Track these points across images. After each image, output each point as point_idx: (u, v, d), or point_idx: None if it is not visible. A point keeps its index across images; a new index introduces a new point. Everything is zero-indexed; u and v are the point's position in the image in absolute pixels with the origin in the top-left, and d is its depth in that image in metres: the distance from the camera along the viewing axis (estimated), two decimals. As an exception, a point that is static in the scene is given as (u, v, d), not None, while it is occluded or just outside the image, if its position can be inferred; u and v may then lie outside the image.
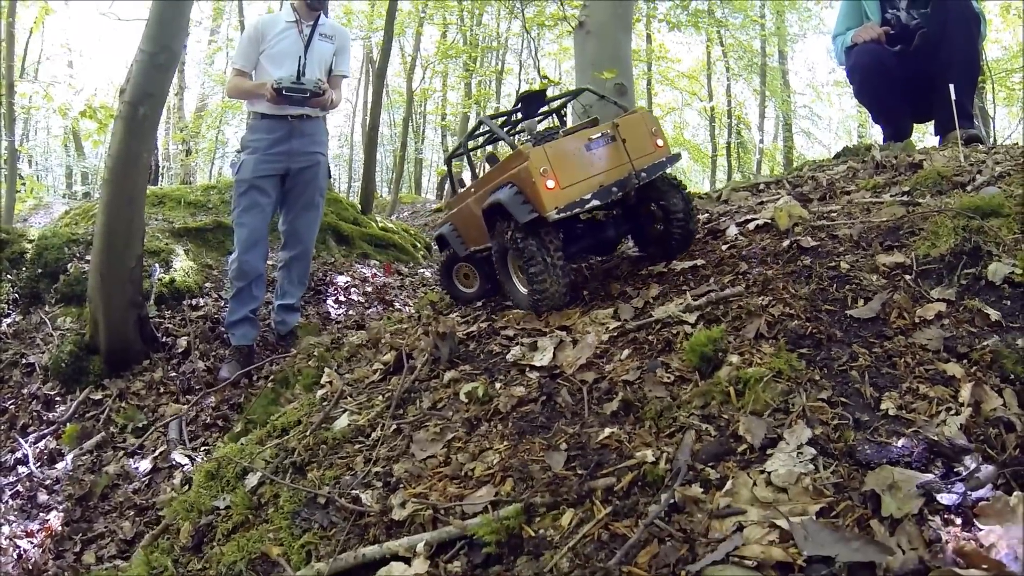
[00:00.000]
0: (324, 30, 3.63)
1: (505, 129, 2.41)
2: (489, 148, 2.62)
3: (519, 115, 2.29)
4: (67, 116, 6.21)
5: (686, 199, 2.06)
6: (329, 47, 3.67)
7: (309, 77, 3.44)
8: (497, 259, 2.05)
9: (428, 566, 1.08)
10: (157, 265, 4.29)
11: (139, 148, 3.41)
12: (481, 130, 2.31)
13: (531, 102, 2.22)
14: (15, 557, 2.90)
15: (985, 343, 1.35)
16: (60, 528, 2.99)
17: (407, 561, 1.12)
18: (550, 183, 1.79)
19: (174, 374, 3.77)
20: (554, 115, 2.44)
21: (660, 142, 2.00)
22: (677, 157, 2.06)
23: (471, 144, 2.45)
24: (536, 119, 2.25)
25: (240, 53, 3.63)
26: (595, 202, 1.84)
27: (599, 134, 1.93)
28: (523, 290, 1.99)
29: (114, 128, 3.46)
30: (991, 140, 4.16)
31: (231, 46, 14.04)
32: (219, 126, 15.24)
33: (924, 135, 6.72)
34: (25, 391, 3.78)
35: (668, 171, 2.07)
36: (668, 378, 1.36)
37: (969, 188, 2.16)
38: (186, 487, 2.34)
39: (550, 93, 2.33)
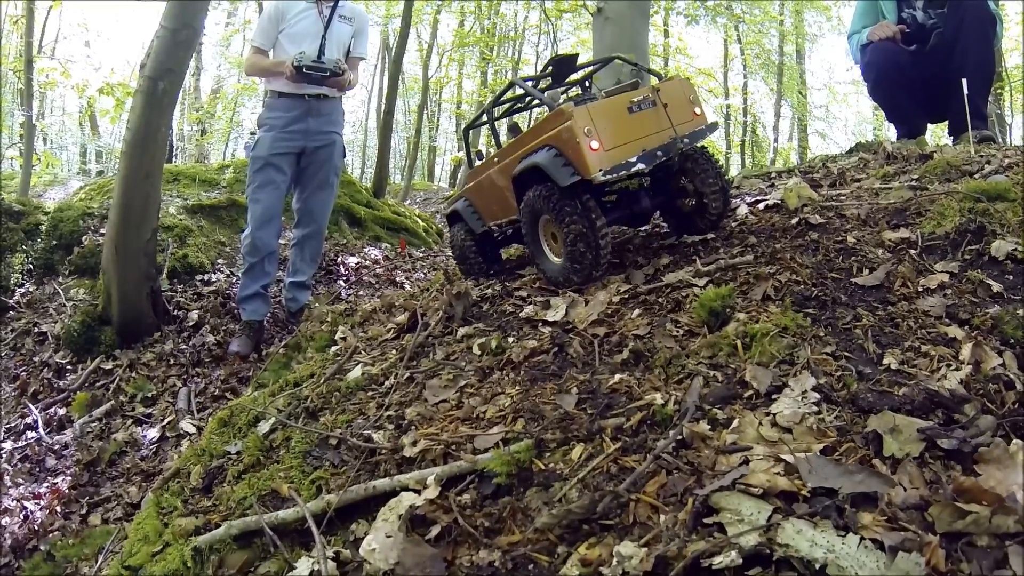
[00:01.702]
0: (343, 12, 3.67)
1: (513, 105, 2.32)
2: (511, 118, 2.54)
3: (549, 80, 2.21)
4: (84, 94, 6.29)
5: (723, 178, 2.02)
6: (348, 29, 3.72)
7: (328, 57, 3.48)
8: (527, 228, 1.96)
9: (438, 496, 1.11)
10: (171, 240, 4.35)
11: (158, 123, 3.46)
12: (508, 94, 2.21)
13: (563, 66, 2.14)
14: (22, 518, 2.95)
15: (987, 311, 1.38)
16: (67, 491, 3.03)
17: (417, 493, 1.15)
18: (594, 144, 1.70)
19: (184, 347, 3.82)
20: (581, 85, 2.33)
21: (698, 110, 1.97)
22: (715, 126, 2.02)
23: (496, 110, 2.29)
24: (561, 89, 2.18)
25: (259, 31, 3.68)
26: (641, 166, 1.75)
27: (641, 97, 1.86)
28: (555, 260, 1.90)
29: (133, 103, 3.50)
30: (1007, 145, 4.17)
31: (248, 28, 14.13)
32: (234, 108, 15.36)
33: (940, 138, 6.72)
34: (37, 359, 3.84)
35: (711, 153, 2.05)
36: (677, 332, 1.40)
37: (977, 176, 2.19)
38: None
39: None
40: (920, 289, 1.49)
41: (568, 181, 1.72)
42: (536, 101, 2.25)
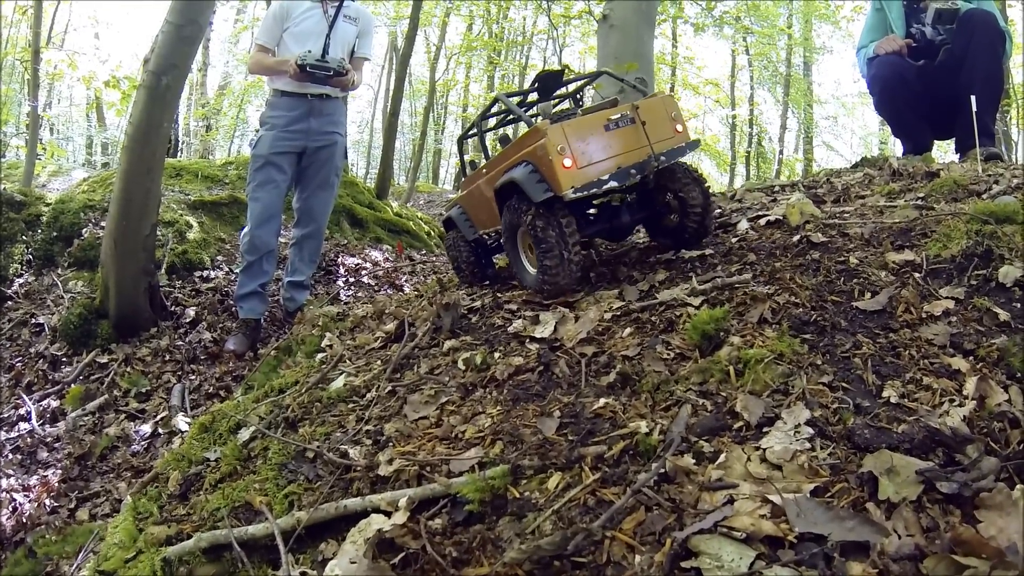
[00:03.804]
0: (348, 12, 3.65)
1: (513, 114, 2.32)
2: (501, 130, 2.59)
3: (535, 96, 2.24)
4: (91, 86, 6.30)
5: (705, 192, 2.00)
6: (353, 29, 3.69)
7: (332, 56, 3.46)
8: (507, 238, 2.01)
9: (408, 520, 1.06)
10: (171, 235, 4.33)
11: (160, 117, 3.44)
12: (495, 109, 2.26)
13: (548, 83, 2.17)
14: (10, 510, 2.93)
15: (993, 341, 1.32)
16: (57, 485, 3.01)
17: (388, 515, 1.11)
18: (567, 162, 1.74)
19: (180, 343, 3.79)
20: (571, 99, 2.38)
21: (680, 127, 1.96)
22: (697, 143, 2.01)
23: (485, 125, 2.38)
24: (551, 102, 2.20)
25: (264, 30, 3.66)
26: (613, 183, 1.78)
27: (618, 115, 1.87)
28: (531, 271, 1.95)
29: (136, 97, 3.49)
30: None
31: (257, 25, 14.16)
32: (240, 105, 15.38)
33: (946, 153, 6.63)
34: (33, 350, 3.82)
35: (688, 163, 2.04)
36: (668, 355, 1.34)
37: (985, 196, 2.13)
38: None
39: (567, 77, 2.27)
40: (924, 315, 1.43)
41: (541, 197, 1.76)
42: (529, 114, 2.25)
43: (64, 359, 3.75)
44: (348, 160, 4.05)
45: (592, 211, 2.09)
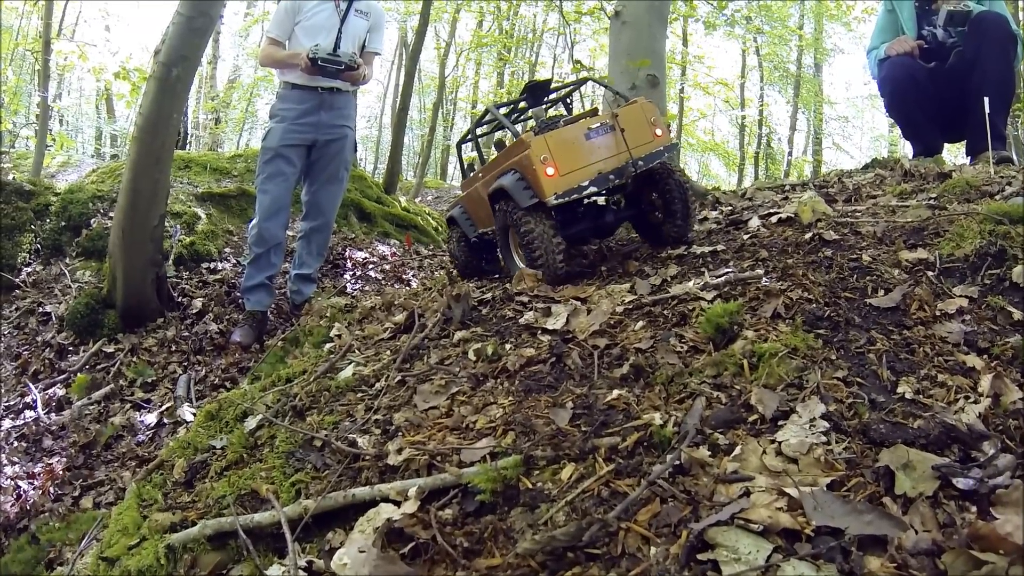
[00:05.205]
0: (360, 6, 3.65)
1: (513, 117, 2.49)
2: (497, 135, 2.75)
3: (525, 104, 2.39)
4: (101, 77, 6.31)
5: (685, 192, 2.11)
6: (364, 23, 3.69)
7: (344, 50, 3.46)
8: (499, 237, 2.18)
9: (418, 510, 1.06)
10: (179, 227, 4.34)
11: (170, 108, 3.44)
12: (488, 118, 2.42)
13: (536, 91, 2.33)
14: (15, 497, 2.93)
15: (1007, 340, 1.31)
16: (62, 473, 3.02)
17: (397, 504, 1.10)
18: (550, 170, 1.88)
19: (187, 334, 3.80)
20: (562, 104, 2.54)
21: (659, 131, 2.06)
22: (675, 146, 2.14)
23: (479, 131, 2.56)
24: (544, 107, 2.34)
25: (275, 23, 3.66)
26: (592, 189, 1.93)
27: (598, 124, 2.00)
28: (522, 266, 2.09)
29: (146, 88, 3.49)
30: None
31: (267, 19, 14.15)
32: (250, 98, 15.38)
33: (956, 156, 6.59)
34: (39, 339, 3.83)
35: (670, 162, 2.13)
36: (681, 348, 1.34)
37: (998, 197, 2.11)
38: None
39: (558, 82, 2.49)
40: (938, 313, 1.42)
41: (528, 203, 1.93)
42: (525, 117, 2.47)
43: (71, 348, 3.76)
44: (357, 155, 4.04)
45: (581, 209, 2.23)
